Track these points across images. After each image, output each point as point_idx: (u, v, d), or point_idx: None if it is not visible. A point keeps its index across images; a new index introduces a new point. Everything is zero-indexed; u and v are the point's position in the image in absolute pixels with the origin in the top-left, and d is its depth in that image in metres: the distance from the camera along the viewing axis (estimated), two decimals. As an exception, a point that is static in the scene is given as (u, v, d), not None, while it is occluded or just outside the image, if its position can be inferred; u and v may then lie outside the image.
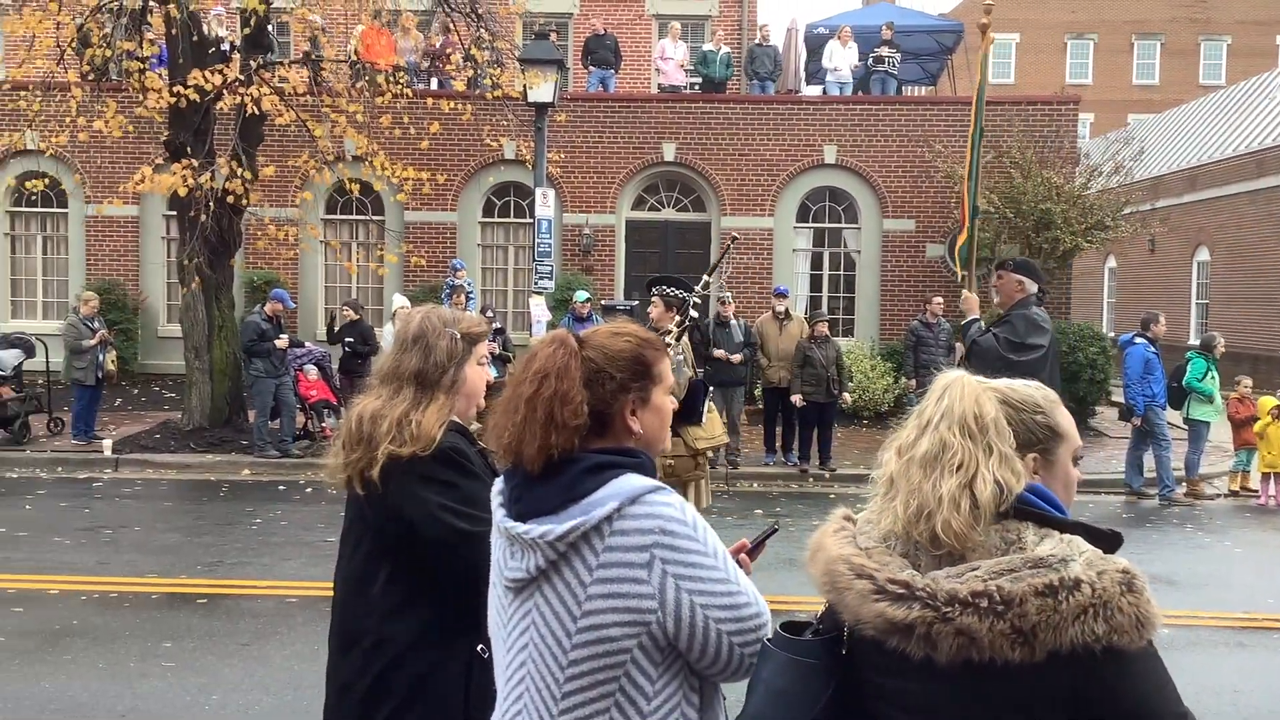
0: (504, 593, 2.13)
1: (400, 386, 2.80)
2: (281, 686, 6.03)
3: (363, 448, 2.74)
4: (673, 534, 1.98)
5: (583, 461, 2.06)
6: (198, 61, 13.38)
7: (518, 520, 2.08)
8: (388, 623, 2.72)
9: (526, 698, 2.05)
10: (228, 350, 14.40)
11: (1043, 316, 7.11)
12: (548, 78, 13.96)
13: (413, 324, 2.89)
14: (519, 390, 2.12)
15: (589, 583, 1.98)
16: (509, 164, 18.30)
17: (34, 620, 7.18)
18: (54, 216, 18.81)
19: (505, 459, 2.15)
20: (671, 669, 2.01)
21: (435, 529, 2.67)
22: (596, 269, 18.44)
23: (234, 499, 11.60)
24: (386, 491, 2.70)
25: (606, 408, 2.11)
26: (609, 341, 2.16)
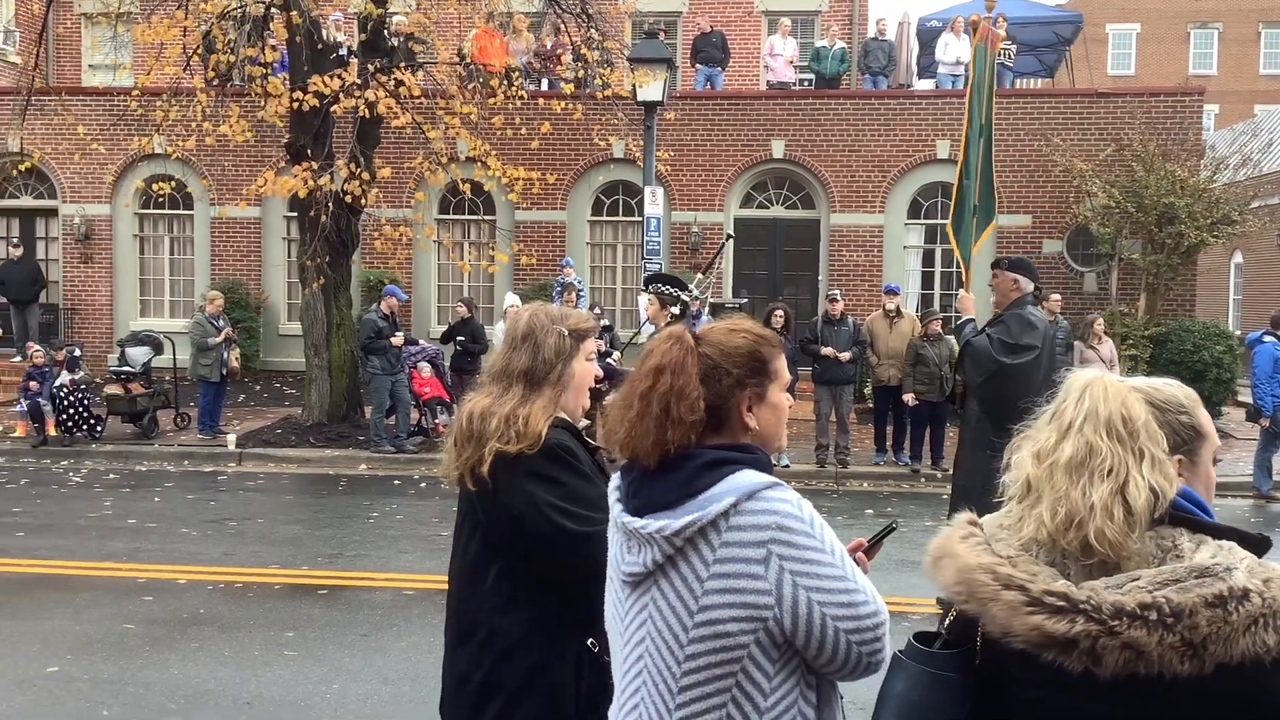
0: (621, 587, 2.15)
1: (509, 384, 2.84)
2: (399, 677, 6.16)
3: (473, 445, 2.77)
4: (790, 530, 1.97)
5: (699, 457, 2.06)
6: (317, 66, 13.73)
7: (634, 515, 2.09)
8: (499, 616, 2.76)
9: (644, 691, 2.07)
10: (346, 348, 14.76)
11: (1037, 316, 7.01)
12: (657, 76, 13.99)
13: (521, 321, 2.92)
14: (635, 386, 2.14)
15: (705, 578, 1.98)
16: (618, 163, 18.38)
17: (163, 609, 7.45)
18: (181, 218, 19.46)
19: (622, 454, 2.17)
20: (789, 666, 2.01)
21: (541, 525, 2.69)
22: (702, 268, 18.39)
23: (352, 493, 11.88)
24: (495, 488, 2.74)
25: (723, 403, 2.11)
26: (725, 338, 2.16)
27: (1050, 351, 7.10)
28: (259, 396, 17.41)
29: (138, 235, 19.53)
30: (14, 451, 13.68)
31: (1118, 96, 18.17)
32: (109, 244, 19.25)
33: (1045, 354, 6.99)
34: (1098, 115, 17.73)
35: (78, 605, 7.47)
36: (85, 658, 6.42)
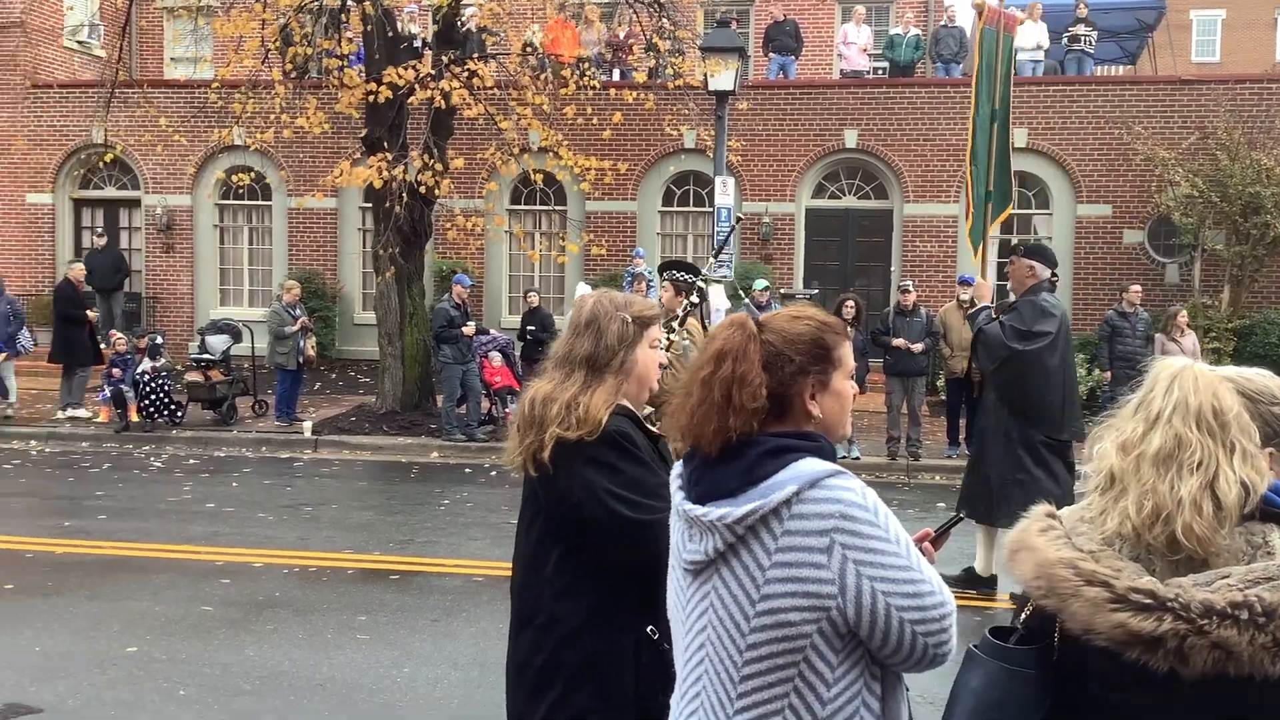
0: (683, 575, 2.14)
1: (572, 370, 2.84)
2: (469, 662, 6.22)
3: (534, 430, 2.79)
4: (853, 519, 1.95)
5: (761, 444, 2.04)
6: (392, 58, 13.87)
7: (696, 503, 2.08)
8: (558, 602, 2.77)
9: (705, 679, 2.06)
10: (418, 337, 14.92)
11: (1052, 303, 6.91)
12: (729, 65, 13.93)
13: (585, 308, 2.92)
14: (697, 373, 2.12)
15: (767, 566, 1.97)
16: (689, 153, 18.34)
17: (240, 591, 7.60)
18: (259, 209, 19.81)
19: (684, 442, 2.16)
20: (852, 657, 1.98)
21: (599, 512, 2.70)
22: (775, 257, 18.32)
23: (423, 480, 12.02)
24: (556, 474, 2.75)
25: (785, 390, 2.09)
26: (789, 324, 2.14)
27: (1066, 338, 7.04)
28: (334, 385, 17.67)
29: (218, 225, 19.91)
30: (97, 436, 14.04)
31: (1202, 83, 17.72)
32: (190, 234, 19.66)
33: (1060, 341, 6.93)
34: (1181, 102, 17.31)
35: (157, 587, 7.65)
36: (164, 638, 6.57)
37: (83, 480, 11.65)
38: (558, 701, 2.75)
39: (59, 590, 7.52)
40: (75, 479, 11.72)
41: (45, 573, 7.99)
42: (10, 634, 6.59)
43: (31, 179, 19.69)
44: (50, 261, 19.90)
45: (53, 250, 19.93)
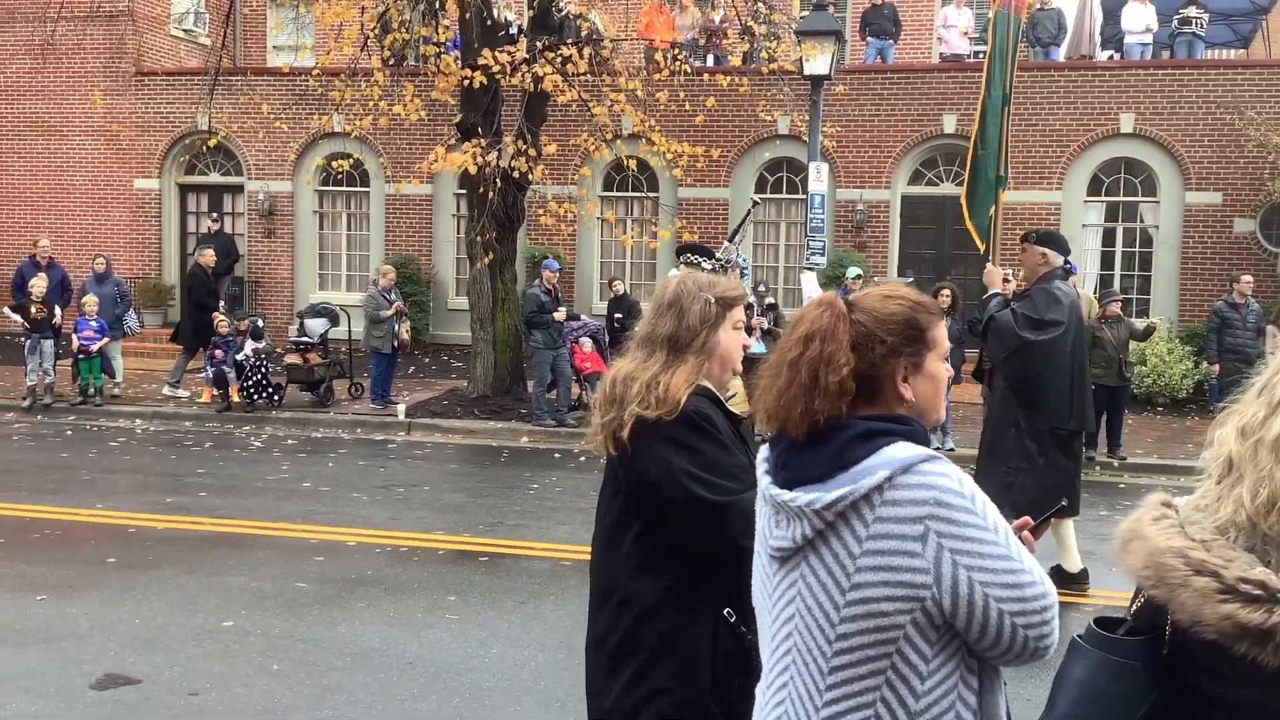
0: (769, 562, 2.08)
1: (654, 349, 2.82)
2: (555, 645, 6.23)
3: (615, 409, 2.78)
4: (949, 506, 1.87)
5: (851, 428, 1.97)
6: (487, 44, 13.95)
7: (783, 488, 2.02)
8: (635, 579, 2.76)
9: (793, 670, 2.00)
10: (510, 322, 15.02)
11: (1065, 291, 6.82)
12: (825, 49, 13.73)
13: (669, 288, 2.90)
14: (784, 354, 2.06)
15: (858, 554, 1.89)
16: (783, 139, 18.16)
17: (333, 569, 7.72)
18: (357, 195, 20.12)
19: (769, 425, 2.09)
20: (948, 649, 1.91)
21: (675, 492, 2.67)
22: (870, 245, 18.07)
23: (513, 464, 12.09)
24: (634, 453, 2.73)
25: (876, 373, 2.01)
26: (880, 304, 2.06)
27: (1078, 327, 6.92)
28: (427, 369, 17.89)
29: (317, 211, 20.27)
30: (200, 416, 14.40)
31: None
32: (291, 219, 20.05)
33: (1071, 330, 6.84)
34: (1297, 86, 16.65)
35: (254, 563, 7.80)
36: (259, 614, 6.69)
37: (185, 458, 11.95)
38: (633, 679, 2.74)
39: (159, 564, 7.71)
40: (178, 457, 12.03)
41: (147, 547, 8.20)
42: (112, 606, 6.77)
43: (139, 164, 20.25)
44: (156, 246, 20.46)
45: (159, 235, 20.48)
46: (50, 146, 20.39)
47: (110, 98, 19.56)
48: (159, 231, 20.48)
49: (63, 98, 20.18)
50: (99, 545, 8.21)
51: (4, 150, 20.52)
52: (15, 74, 20.17)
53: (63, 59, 19.50)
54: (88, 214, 20.43)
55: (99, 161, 20.34)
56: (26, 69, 19.91)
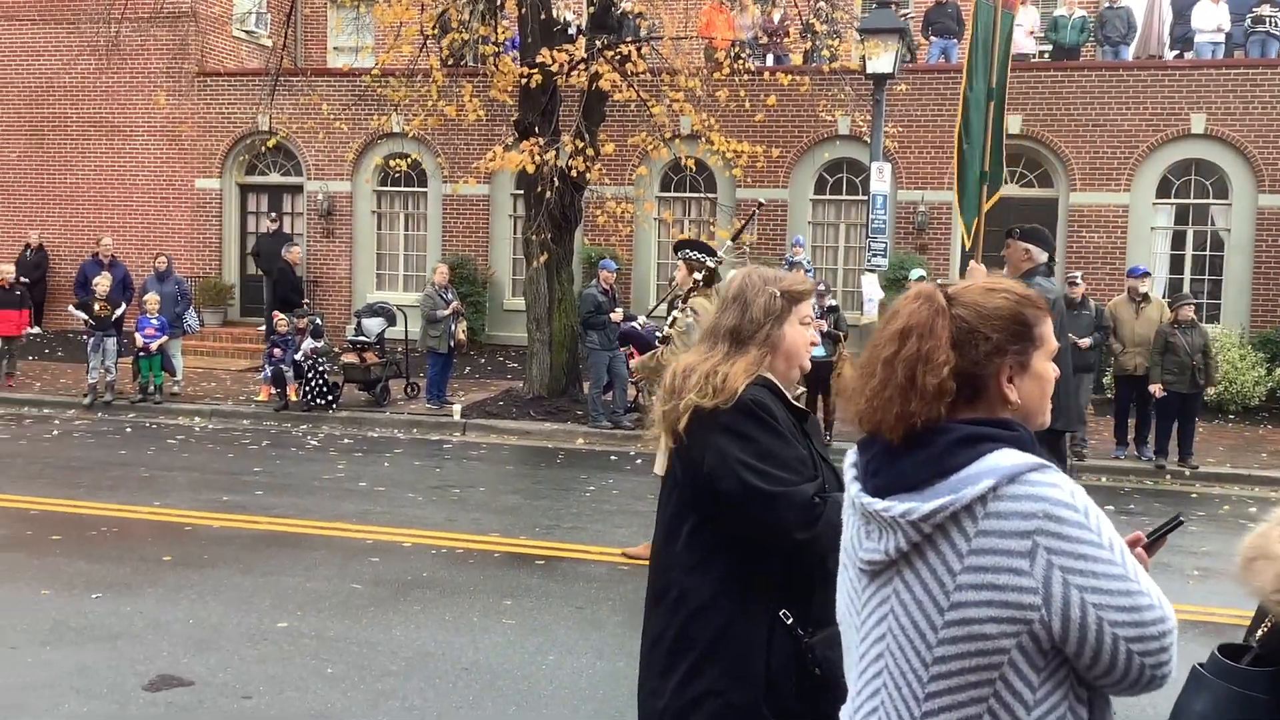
0: (857, 575, 1.91)
1: (716, 342, 2.79)
2: (614, 652, 6.09)
3: (673, 399, 2.74)
4: (1060, 520, 1.70)
5: (951, 432, 1.80)
6: (546, 43, 13.87)
7: (875, 496, 1.86)
8: (689, 576, 2.69)
9: (884, 694, 1.83)
10: (566, 323, 14.92)
11: (1047, 287, 6.73)
12: (888, 48, 13.50)
13: (735, 282, 2.88)
14: (877, 351, 1.90)
15: (959, 571, 1.73)
16: (844, 139, 17.91)
17: (388, 570, 7.63)
18: (415, 195, 20.14)
19: (861, 427, 1.93)
20: (1056, 675, 1.74)
21: (729, 482, 2.60)
22: (931, 247, 17.77)
23: (569, 466, 11.98)
24: (690, 443, 2.68)
25: (979, 372, 1.84)
26: (984, 298, 1.88)
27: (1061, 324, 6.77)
28: (483, 369, 17.85)
29: (375, 211, 20.32)
30: (258, 415, 14.44)
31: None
32: (349, 219, 20.12)
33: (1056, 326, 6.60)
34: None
35: (309, 563, 7.74)
36: (314, 615, 6.62)
37: (242, 456, 11.97)
38: (685, 678, 2.66)
39: (215, 563, 7.68)
40: (235, 455, 12.05)
41: (203, 545, 8.18)
42: (167, 605, 6.73)
43: (201, 164, 20.42)
44: (216, 245, 20.63)
45: (219, 234, 20.64)
46: (114, 146, 20.64)
47: (173, 98, 19.75)
48: (219, 231, 20.65)
49: (126, 98, 20.42)
50: (156, 543, 8.20)
51: (69, 150, 20.79)
52: (81, 75, 20.43)
53: (127, 60, 19.71)
54: (150, 213, 20.64)
55: (161, 161, 20.55)
56: (92, 70, 20.16)
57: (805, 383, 4.55)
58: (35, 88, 20.80)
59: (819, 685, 2.57)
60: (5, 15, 20.81)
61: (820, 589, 2.56)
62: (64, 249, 20.58)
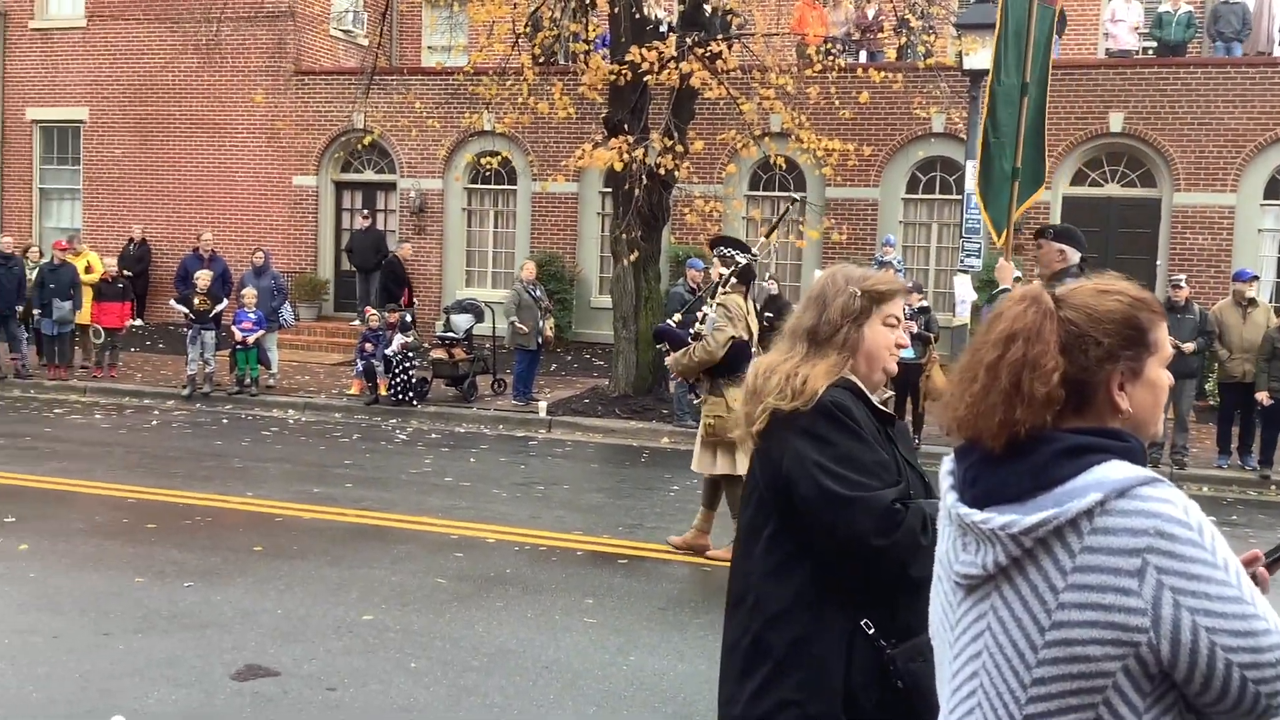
0: (952, 589, 1.82)
1: (795, 342, 2.74)
2: (695, 654, 6.02)
3: (754, 401, 2.69)
4: (1172, 537, 1.59)
5: (1057, 442, 1.71)
6: (636, 40, 13.85)
7: (973, 506, 1.77)
8: (766, 582, 2.62)
9: (979, 715, 1.74)
10: (653, 321, 14.86)
11: None
12: (986, 43, 13.19)
13: (818, 281, 2.82)
14: (979, 355, 1.80)
15: (1062, 588, 1.63)
16: (938, 137, 17.59)
17: (472, 566, 7.66)
18: (505, 193, 20.27)
19: (960, 434, 1.84)
20: (1163, 702, 1.63)
21: (806, 485, 2.53)
22: (1027, 248, 17.36)
23: (654, 465, 11.94)
24: (769, 446, 2.64)
25: (1089, 379, 1.74)
26: (1094, 300, 1.78)
27: None
28: (570, 366, 17.90)
29: (465, 208, 20.50)
30: (349, 408, 14.65)
31: None
32: (440, 216, 20.32)
33: None
34: None
35: (395, 556, 7.80)
36: (398, 608, 6.66)
37: (333, 449, 12.14)
38: (761, 687, 2.59)
39: (303, 555, 7.78)
40: (326, 448, 12.23)
41: (292, 536, 8.30)
42: (256, 595, 6.83)
43: (298, 162, 20.80)
44: (312, 241, 20.99)
45: (315, 230, 21.01)
46: (214, 144, 21.11)
47: (271, 96, 20.14)
48: (315, 227, 21.01)
49: (226, 97, 20.87)
50: (247, 533, 8.34)
51: (170, 148, 21.32)
52: (182, 74, 20.94)
53: (226, 59, 20.16)
54: (248, 209, 21.08)
55: (260, 159, 20.98)
56: (193, 69, 20.64)
57: (894, 386, 4.49)
58: (139, 86, 21.37)
59: (901, 698, 2.49)
60: (111, 15, 21.41)
61: (903, 598, 2.49)
62: (166, 244, 21.12)
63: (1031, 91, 7.54)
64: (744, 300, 7.87)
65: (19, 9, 22.05)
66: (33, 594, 6.72)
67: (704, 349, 7.60)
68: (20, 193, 22.37)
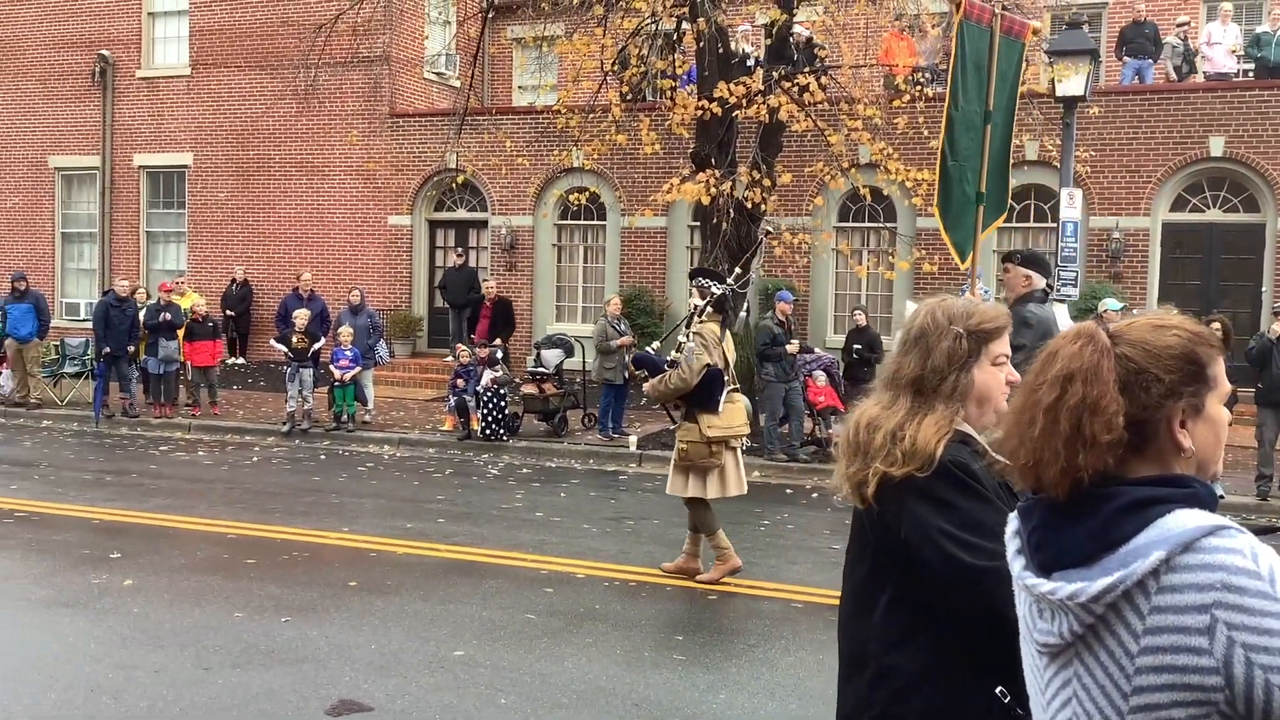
0: (1036, 655, 1.77)
1: (898, 393, 2.50)
2: (786, 693, 5.96)
3: (859, 460, 2.46)
4: (1240, 590, 1.51)
5: (1119, 497, 1.64)
6: (723, 75, 13.90)
7: (1041, 572, 1.72)
8: (890, 652, 2.43)
9: None
10: (742, 355, 14.80)
11: (1035, 314, 6.68)
12: (1079, 69, 13.00)
13: (916, 321, 2.55)
14: (1035, 396, 1.74)
15: (1136, 653, 1.57)
16: (1031, 165, 17.32)
17: (562, 601, 7.69)
18: (594, 228, 20.45)
19: (1022, 482, 1.78)
20: None
21: (931, 555, 2.33)
22: (1126, 276, 16.98)
23: (744, 500, 11.78)
24: (882, 509, 2.41)
25: (1149, 417, 1.67)
26: (1152, 335, 1.71)
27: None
28: (660, 400, 17.88)
29: (555, 244, 20.72)
30: (442, 444, 14.85)
31: None
32: (530, 252, 20.57)
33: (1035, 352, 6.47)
34: None
35: (486, 592, 7.86)
36: (489, 644, 6.71)
37: (426, 484, 12.30)
38: None
39: (397, 590, 7.88)
40: (420, 483, 12.40)
41: (386, 571, 8.41)
42: (351, 630, 6.93)
43: (393, 202, 21.25)
44: (407, 279, 21.38)
45: (410, 268, 21.40)
46: (313, 185, 21.67)
47: (366, 138, 20.63)
48: (409, 265, 21.41)
49: (324, 140, 21.43)
50: (342, 568, 8.48)
51: (271, 190, 21.94)
52: (282, 118, 21.56)
53: (324, 103, 20.70)
54: (345, 249, 21.57)
55: (356, 199, 21.47)
56: (292, 113, 21.24)
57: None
58: (240, 131, 22.06)
59: None
60: (216, 63, 22.16)
61: None
62: (267, 283, 21.68)
63: (999, 120, 7.67)
64: (719, 329, 8.23)
65: (127, 59, 22.95)
66: (136, 628, 6.91)
67: (679, 376, 7.91)
68: (128, 236, 23.18)
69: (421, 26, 22.07)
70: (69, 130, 23.26)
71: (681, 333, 8.25)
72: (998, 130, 7.76)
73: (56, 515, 10.17)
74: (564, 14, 15.78)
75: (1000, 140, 7.81)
